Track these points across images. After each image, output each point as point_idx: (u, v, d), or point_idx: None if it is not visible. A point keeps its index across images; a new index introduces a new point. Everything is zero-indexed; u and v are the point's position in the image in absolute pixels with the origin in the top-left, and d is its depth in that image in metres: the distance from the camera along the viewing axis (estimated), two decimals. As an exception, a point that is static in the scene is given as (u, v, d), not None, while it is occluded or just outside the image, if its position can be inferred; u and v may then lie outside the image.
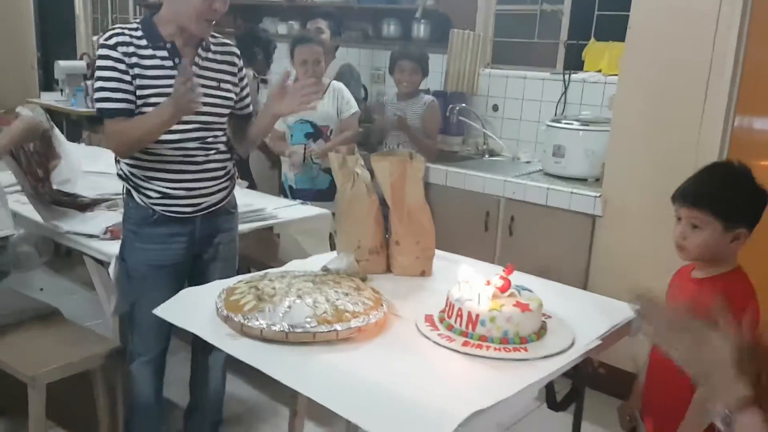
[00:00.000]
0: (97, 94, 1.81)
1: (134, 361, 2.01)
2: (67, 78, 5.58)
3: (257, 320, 1.48)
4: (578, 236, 2.83)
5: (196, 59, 1.88)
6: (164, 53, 1.83)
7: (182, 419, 2.27)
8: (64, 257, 4.14)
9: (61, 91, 5.74)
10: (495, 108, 3.73)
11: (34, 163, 2.17)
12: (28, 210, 2.30)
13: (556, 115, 3.39)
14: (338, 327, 1.48)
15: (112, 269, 1.99)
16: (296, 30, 4.20)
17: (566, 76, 3.39)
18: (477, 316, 1.49)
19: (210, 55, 1.92)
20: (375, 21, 3.95)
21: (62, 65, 5.58)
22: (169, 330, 2.00)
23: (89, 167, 2.67)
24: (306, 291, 1.60)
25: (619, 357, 2.43)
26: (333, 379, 1.39)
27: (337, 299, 1.57)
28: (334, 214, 2.79)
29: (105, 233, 2.14)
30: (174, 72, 1.81)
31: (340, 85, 3.15)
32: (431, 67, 3.37)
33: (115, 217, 2.20)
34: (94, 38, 5.98)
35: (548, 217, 2.91)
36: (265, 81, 3.76)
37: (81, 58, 5.82)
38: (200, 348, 2.13)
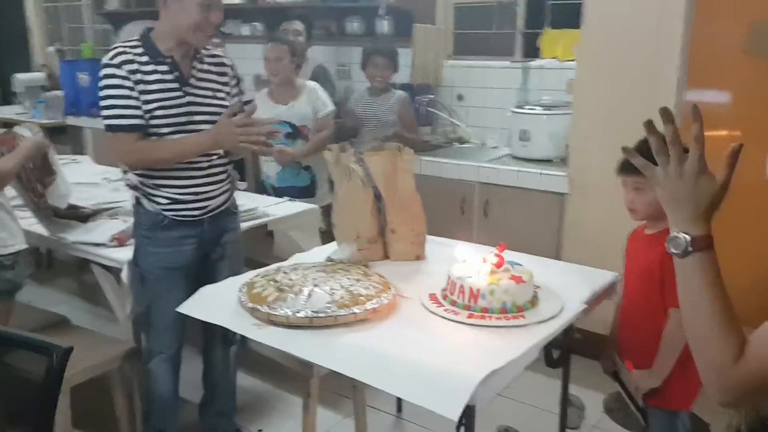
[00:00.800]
0: (107, 112, 1.92)
1: (152, 360, 2.13)
2: (27, 90, 5.53)
3: (282, 309, 1.63)
4: (549, 213, 3.05)
5: (192, 71, 2.00)
6: (165, 67, 1.94)
7: (197, 413, 2.39)
8: (45, 269, 4.17)
9: (21, 103, 5.68)
10: (460, 97, 3.91)
11: (34, 179, 2.24)
12: (28, 224, 2.37)
13: (518, 101, 3.59)
14: (356, 310, 1.64)
15: (124, 274, 2.10)
16: (260, 31, 4.29)
17: (525, 64, 3.59)
18: (478, 290, 1.67)
19: (205, 67, 2.04)
20: (338, 19, 4.08)
21: (20, 78, 5.54)
22: (183, 328, 2.12)
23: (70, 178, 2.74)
24: (321, 280, 1.75)
25: (592, 322, 2.68)
26: (357, 356, 1.55)
27: (350, 285, 1.73)
28: (322, 208, 2.95)
29: (111, 241, 2.23)
30: (175, 85, 1.93)
31: (315, 84, 3.28)
32: (396, 61, 3.51)
33: (118, 225, 2.30)
34: (50, 49, 5.91)
35: (520, 197, 3.12)
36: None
37: (40, 70, 5.76)
38: (212, 343, 2.25)
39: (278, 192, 3.20)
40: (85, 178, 3.03)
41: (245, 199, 2.78)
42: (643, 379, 1.79)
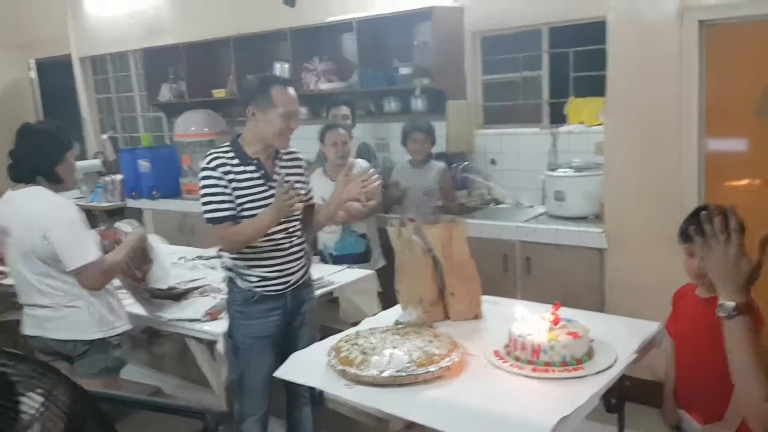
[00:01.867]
0: (207, 207, 2.26)
1: (245, 422, 2.38)
2: (84, 176, 5.97)
3: (369, 370, 1.87)
4: (589, 268, 3.27)
5: (276, 169, 2.34)
6: (252, 168, 2.29)
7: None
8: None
9: (79, 188, 6.12)
10: (493, 162, 4.20)
11: (133, 266, 2.56)
12: (127, 305, 2.66)
13: (549, 163, 3.87)
14: (432, 368, 1.87)
15: (220, 345, 2.38)
16: (305, 115, 4.69)
17: (554, 130, 3.89)
18: (539, 346, 1.88)
19: (284, 164, 2.38)
20: (377, 99, 4.46)
21: (78, 165, 5.96)
22: (271, 391, 2.37)
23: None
24: (398, 342, 2.00)
25: (637, 369, 2.86)
26: (437, 408, 1.78)
27: (424, 346, 1.97)
28: (376, 272, 3.21)
29: (205, 316, 2.52)
30: (261, 181, 2.27)
31: (363, 161, 3.61)
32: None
33: (209, 301, 2.60)
34: (104, 137, 6.41)
35: (560, 253, 3.35)
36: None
37: (95, 157, 6.24)
38: (296, 404, 2.49)
39: (336, 260, 3.48)
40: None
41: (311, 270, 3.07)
42: (716, 430, 1.92)
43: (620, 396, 2.07)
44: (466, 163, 4.17)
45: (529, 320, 2.01)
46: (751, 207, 1.97)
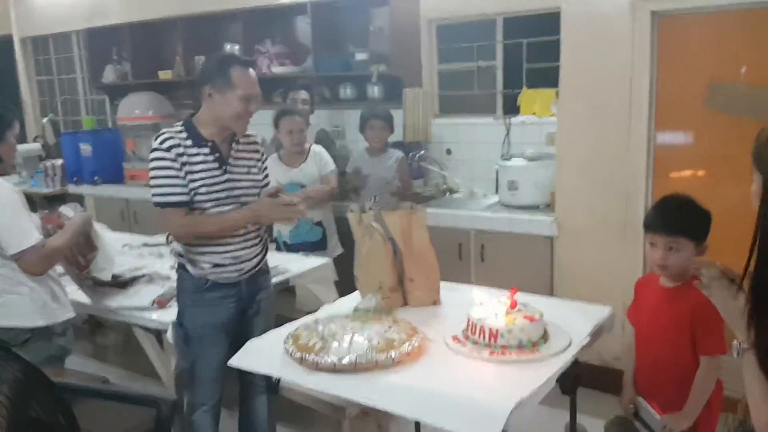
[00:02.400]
0: (157, 190, 2.16)
1: (196, 412, 2.30)
2: (24, 161, 5.70)
3: (329, 357, 1.84)
4: (540, 255, 3.32)
5: (231, 152, 2.26)
6: (206, 150, 2.20)
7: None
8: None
9: (19, 173, 5.84)
10: (449, 152, 4.22)
11: (76, 252, 2.44)
12: (71, 292, 2.55)
13: (503, 154, 3.91)
14: (393, 354, 1.86)
15: (169, 334, 2.29)
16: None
17: (507, 120, 3.93)
18: (497, 330, 1.89)
19: (241, 147, 2.30)
20: (332, 85, 4.40)
21: (18, 149, 5.68)
22: (224, 381, 2.31)
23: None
24: (358, 328, 1.97)
25: (588, 355, 2.93)
26: (398, 393, 1.76)
27: (384, 332, 1.95)
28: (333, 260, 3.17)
29: (153, 304, 2.43)
30: (215, 165, 2.19)
31: (319, 147, 3.56)
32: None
33: (157, 289, 2.50)
34: (44, 120, 6.12)
35: (512, 241, 3.40)
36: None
37: (35, 141, 5.95)
38: (250, 392, 2.44)
39: (291, 248, 3.42)
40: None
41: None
42: (675, 421, 1.94)
43: (574, 379, 2.11)
44: (422, 152, 4.17)
45: (488, 304, 2.02)
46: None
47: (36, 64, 6.49)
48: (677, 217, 1.97)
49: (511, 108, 3.99)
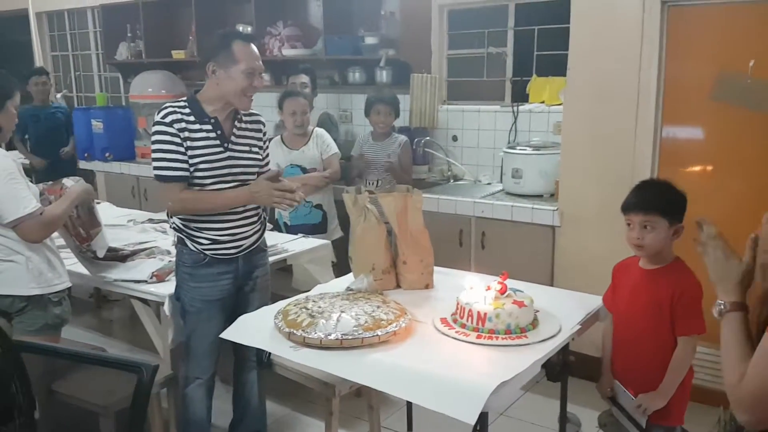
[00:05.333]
0: (158, 164, 2.19)
1: (190, 385, 2.34)
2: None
3: (315, 333, 1.86)
4: (542, 244, 3.31)
5: (234, 130, 2.27)
6: (209, 127, 2.22)
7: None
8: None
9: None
10: (455, 138, 4.21)
11: (78, 225, 2.47)
12: (69, 264, 2.59)
13: (509, 141, 3.89)
14: (379, 332, 1.87)
15: (166, 307, 2.33)
16: (267, 81, 4.60)
17: (515, 108, 3.90)
18: (485, 314, 1.90)
19: (243, 125, 2.32)
20: (341, 69, 4.40)
21: (31, 123, 5.75)
22: (218, 355, 2.34)
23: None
24: (346, 307, 1.99)
25: (585, 345, 2.92)
26: (382, 371, 1.78)
27: (372, 311, 1.97)
28: (333, 242, 3.19)
29: (151, 278, 2.47)
30: (217, 142, 2.21)
31: (322, 131, 3.57)
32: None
33: (156, 263, 2.54)
34: (58, 96, 6.18)
35: (514, 230, 3.39)
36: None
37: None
38: (243, 367, 2.47)
39: (291, 230, 3.44)
40: (111, 221, 3.25)
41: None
42: (651, 400, 1.98)
43: (563, 366, 2.11)
44: (428, 138, 4.16)
45: (477, 289, 2.02)
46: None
47: (51, 39, 6.55)
48: (650, 196, 2.01)
49: (520, 96, 3.97)
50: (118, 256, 2.62)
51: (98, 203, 2.82)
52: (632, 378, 2.06)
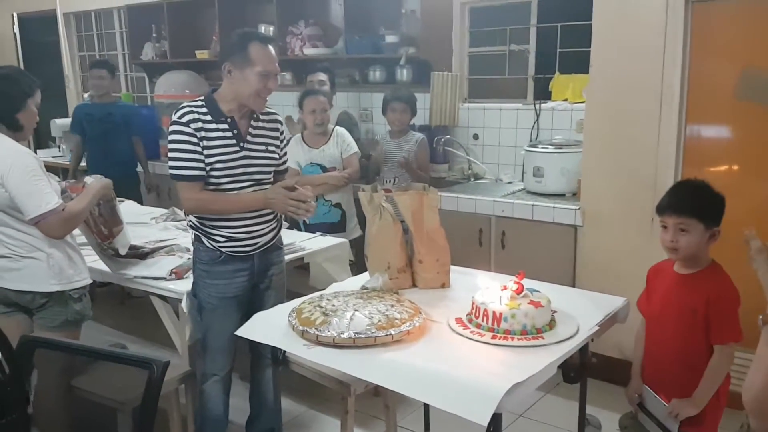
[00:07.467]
0: (174, 163, 2.21)
1: (207, 381, 2.36)
2: (64, 135, 5.87)
3: (329, 331, 1.85)
4: (563, 244, 3.26)
5: (250, 129, 2.28)
6: (225, 126, 2.24)
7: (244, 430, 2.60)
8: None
9: (59, 147, 6.03)
10: (476, 137, 4.18)
11: (100, 223, 2.51)
12: (90, 261, 2.62)
13: (531, 140, 3.84)
14: (392, 331, 1.86)
15: (184, 304, 2.35)
16: (288, 80, 4.62)
17: (537, 106, 3.86)
18: (500, 314, 1.87)
19: (260, 124, 2.33)
20: (361, 68, 4.40)
21: (59, 123, 5.88)
22: (234, 352, 2.36)
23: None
24: (360, 305, 1.98)
25: (607, 346, 2.86)
26: (395, 371, 1.76)
27: (386, 310, 1.96)
28: (351, 241, 3.19)
29: (170, 275, 2.49)
30: (233, 141, 2.22)
31: (342, 130, 3.57)
32: (415, 105, 3.78)
33: (175, 260, 2.56)
34: (85, 95, 6.28)
35: (535, 229, 3.34)
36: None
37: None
38: (259, 364, 2.48)
39: (309, 228, 3.44)
40: (133, 219, 3.30)
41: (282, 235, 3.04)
42: (683, 407, 1.93)
43: (581, 368, 2.08)
44: (448, 136, 4.14)
45: (493, 288, 2.00)
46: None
47: (79, 40, 6.67)
48: (687, 199, 1.95)
49: (542, 93, 3.92)
50: (138, 254, 2.66)
51: (121, 202, 2.88)
52: (664, 384, 2.01)
